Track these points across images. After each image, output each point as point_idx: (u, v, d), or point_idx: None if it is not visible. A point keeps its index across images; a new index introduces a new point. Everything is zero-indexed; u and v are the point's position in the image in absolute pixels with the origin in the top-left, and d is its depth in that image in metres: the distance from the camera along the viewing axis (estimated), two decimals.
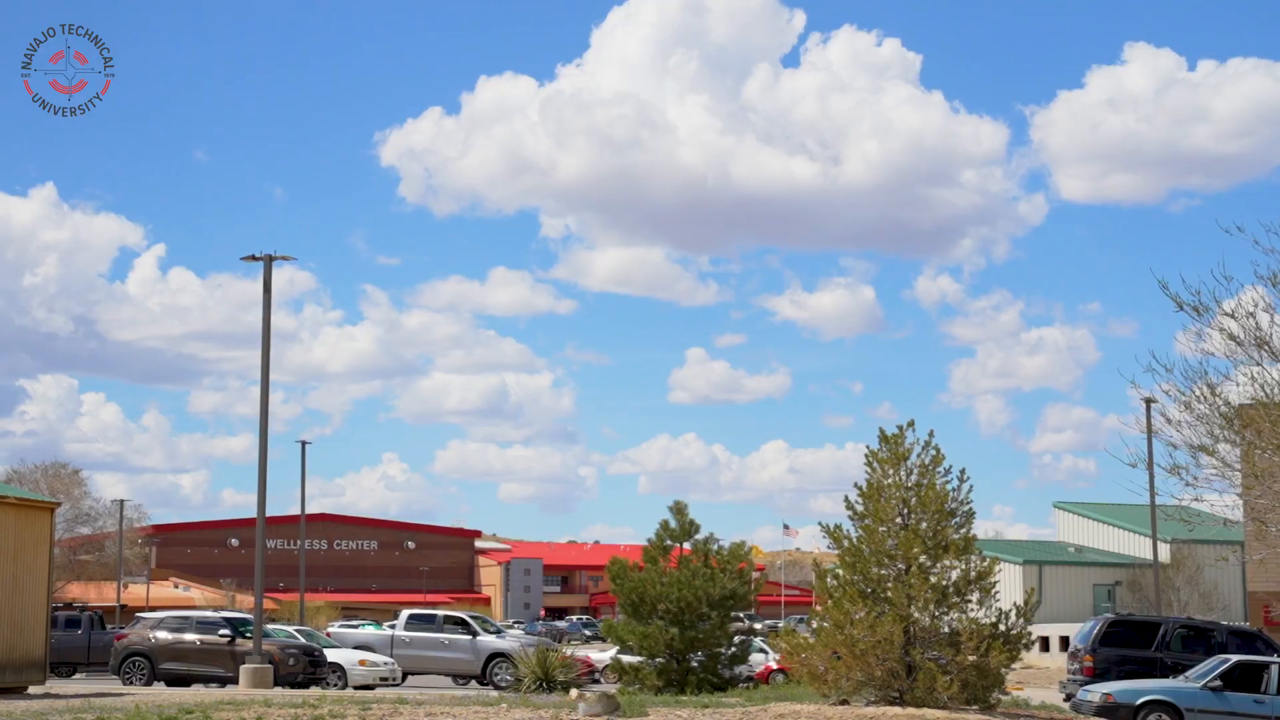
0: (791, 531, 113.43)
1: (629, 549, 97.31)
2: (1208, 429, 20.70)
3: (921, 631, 23.60)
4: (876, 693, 23.46)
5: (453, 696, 26.34)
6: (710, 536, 32.51)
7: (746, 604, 33.08)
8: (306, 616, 77.26)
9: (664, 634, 30.97)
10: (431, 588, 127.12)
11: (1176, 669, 29.84)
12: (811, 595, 28.41)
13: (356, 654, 37.39)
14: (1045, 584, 68.53)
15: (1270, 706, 26.02)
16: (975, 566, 24.03)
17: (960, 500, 24.14)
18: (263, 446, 34.36)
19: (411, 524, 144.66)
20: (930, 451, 24.22)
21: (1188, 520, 22.93)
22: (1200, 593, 68.44)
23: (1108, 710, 25.97)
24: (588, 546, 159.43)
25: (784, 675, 37.44)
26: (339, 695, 26.59)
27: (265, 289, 34.68)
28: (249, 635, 33.56)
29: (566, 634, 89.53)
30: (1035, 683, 43.45)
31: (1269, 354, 19.58)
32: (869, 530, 24.11)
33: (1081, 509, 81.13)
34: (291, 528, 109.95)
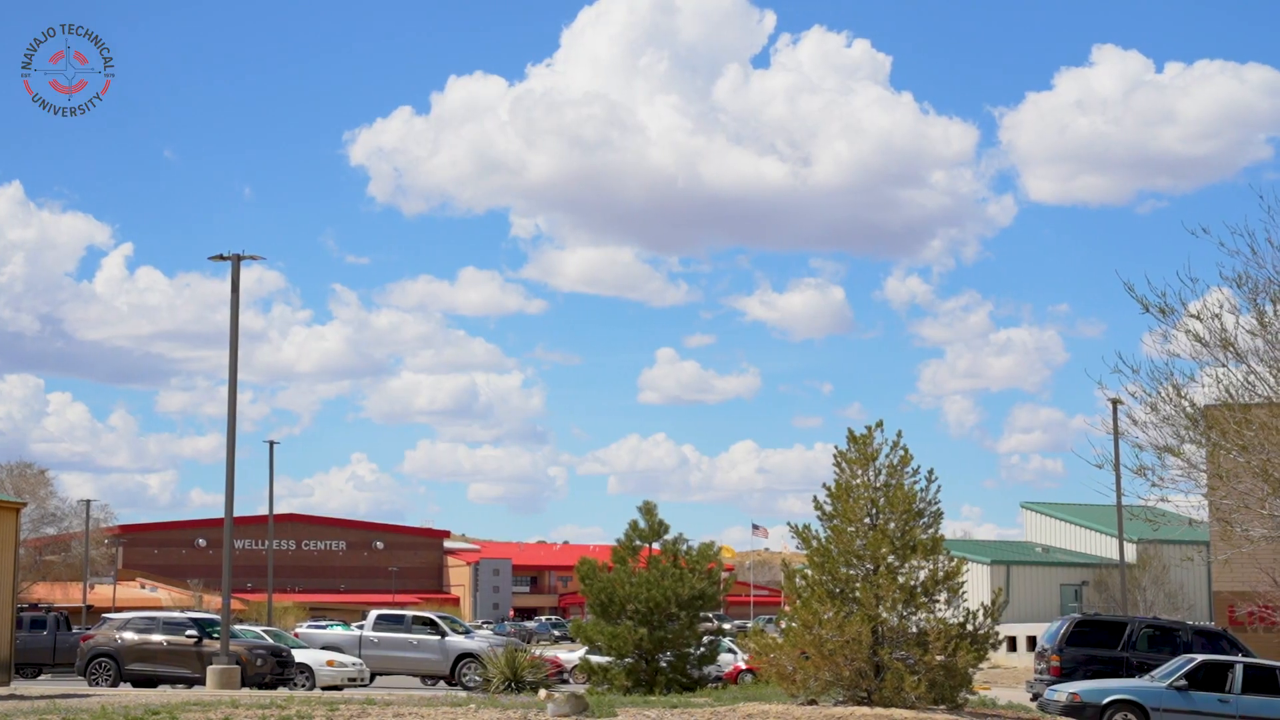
0: (760, 532, 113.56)
1: (598, 549, 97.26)
2: (1173, 430, 20.82)
3: (889, 631, 23.67)
4: (844, 692, 23.52)
5: (421, 697, 26.29)
6: (679, 537, 32.57)
7: (715, 604, 33.11)
8: (274, 617, 76.97)
9: (633, 634, 30.98)
10: (400, 588, 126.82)
11: (1143, 668, 29.99)
12: (780, 595, 28.47)
13: (324, 654, 37.27)
14: (1013, 584, 68.81)
15: (1234, 705, 26.19)
16: (943, 566, 24.11)
17: (928, 500, 24.21)
18: (230, 447, 34.23)
19: (380, 524, 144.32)
20: (898, 452, 24.29)
21: (1153, 520, 23.06)
22: (1166, 593, 68.81)
23: (1074, 710, 26.09)
24: (557, 547, 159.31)
25: (752, 675, 37.50)
26: (306, 696, 26.51)
27: (233, 288, 34.56)
28: (216, 636, 33.42)
29: (535, 634, 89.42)
30: (1002, 682, 43.62)
31: (1233, 355, 19.70)
32: (837, 530, 24.16)
33: (1049, 509, 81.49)
34: (259, 528, 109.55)
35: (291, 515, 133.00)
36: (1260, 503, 19.92)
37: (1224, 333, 19.75)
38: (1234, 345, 19.75)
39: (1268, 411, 19.40)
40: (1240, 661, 27.40)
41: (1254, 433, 19.42)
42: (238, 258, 34.57)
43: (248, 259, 34.93)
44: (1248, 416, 19.59)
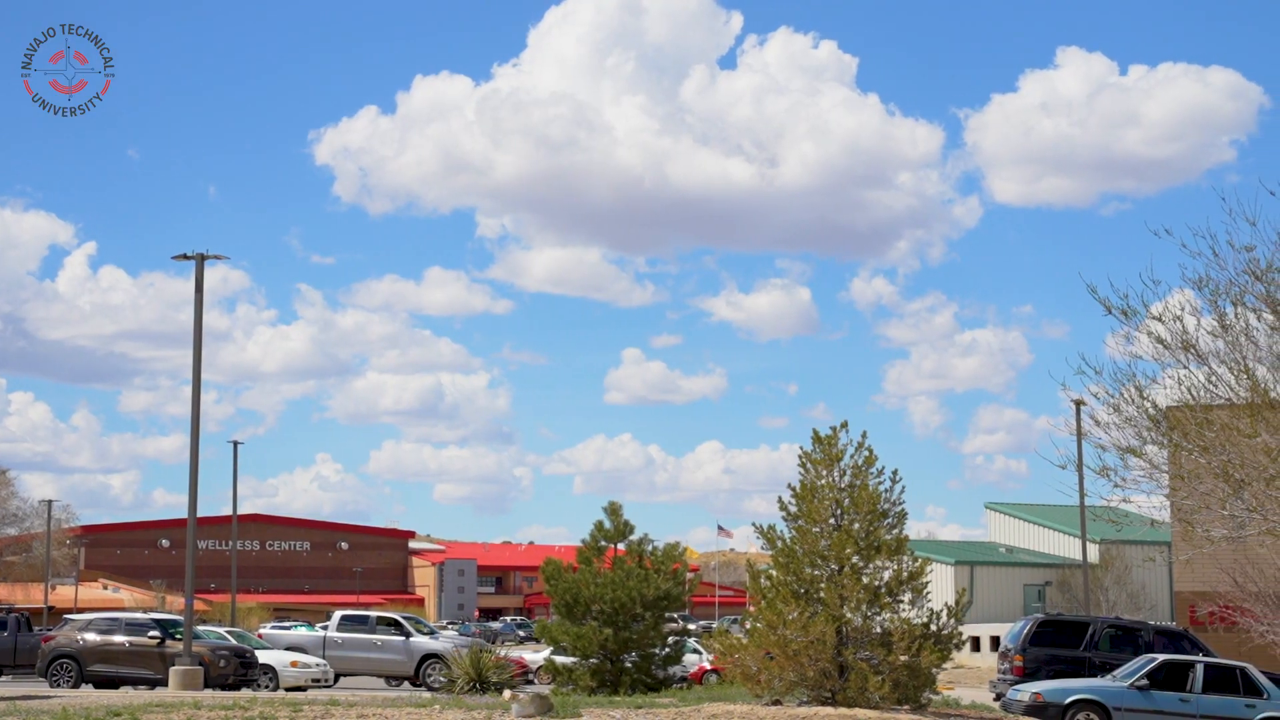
0: (726, 532, 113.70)
1: (564, 550, 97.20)
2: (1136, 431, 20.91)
3: (854, 632, 23.73)
4: (809, 693, 23.56)
5: (385, 698, 26.22)
6: (645, 537, 32.58)
7: (680, 605, 33.14)
8: (238, 618, 76.64)
9: (598, 635, 30.97)
10: (365, 589, 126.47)
11: (1105, 668, 30.16)
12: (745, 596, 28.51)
13: (288, 655, 37.14)
14: (976, 584, 69.10)
15: (1195, 705, 26.37)
16: (907, 567, 24.18)
17: (893, 501, 24.28)
18: (194, 447, 34.09)
19: (345, 525, 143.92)
20: (863, 453, 24.35)
21: (1116, 521, 23.18)
22: (1128, 593, 69.23)
23: (1037, 709, 26.21)
24: (522, 547, 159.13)
25: (717, 675, 37.54)
26: (270, 697, 26.41)
27: (197, 288, 34.42)
28: (179, 637, 33.26)
29: (500, 635, 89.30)
30: (966, 682, 43.81)
31: (1195, 357, 19.82)
32: (802, 531, 24.20)
33: (1012, 510, 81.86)
34: (223, 528, 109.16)
35: (255, 515, 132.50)
36: (1221, 503, 20.04)
37: (1186, 334, 19.86)
38: (1195, 347, 19.87)
39: (1229, 413, 19.53)
40: (1201, 661, 27.59)
41: (1215, 434, 19.54)
42: (201, 257, 34.44)
43: (212, 258, 34.82)
44: (1209, 418, 19.71)
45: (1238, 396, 19.33)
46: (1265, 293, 18.89)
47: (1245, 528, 20.35)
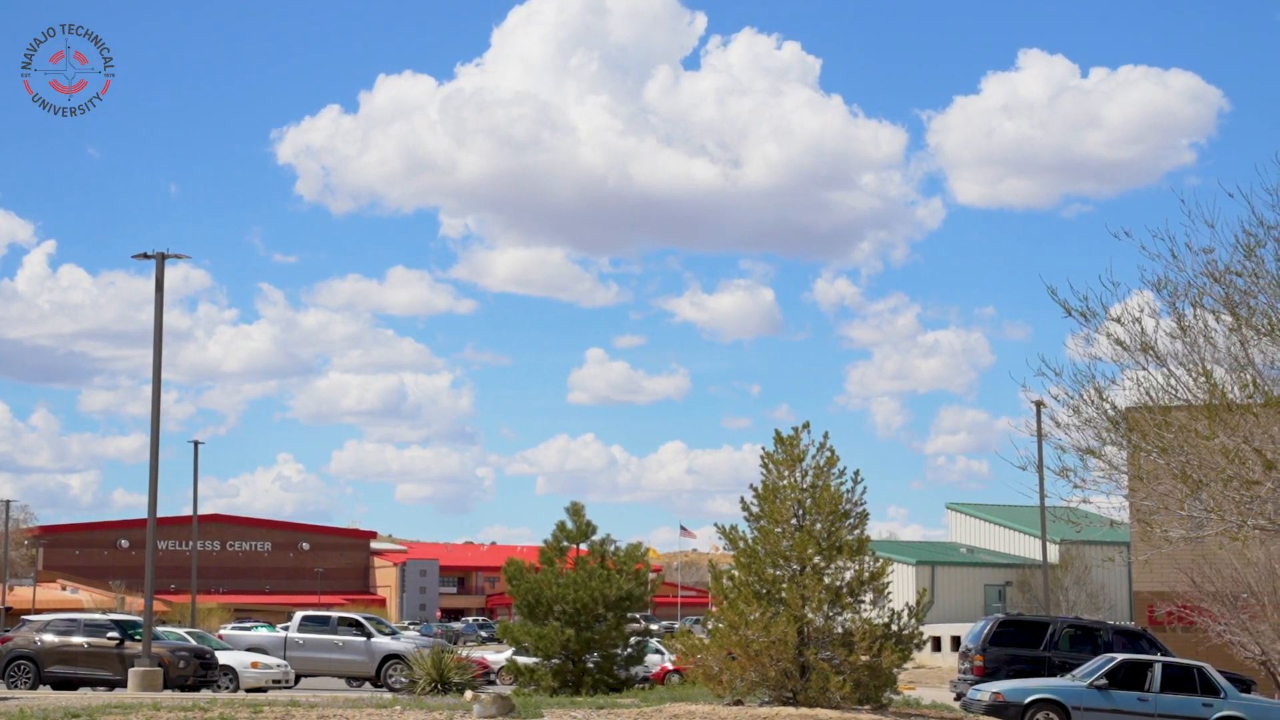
0: (688, 533, 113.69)
1: (526, 550, 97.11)
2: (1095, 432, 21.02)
3: (815, 632, 23.78)
4: (770, 693, 23.61)
5: (346, 699, 26.14)
6: (607, 538, 32.60)
7: (643, 605, 33.16)
8: (198, 619, 76.25)
9: (560, 635, 30.96)
10: (326, 589, 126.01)
11: (1064, 668, 30.34)
12: (707, 596, 28.54)
13: (249, 656, 36.98)
14: (937, 584, 69.39)
15: (1153, 704, 26.55)
16: (869, 567, 24.24)
17: (854, 501, 24.34)
18: (154, 446, 33.91)
19: (306, 525, 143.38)
20: (825, 453, 24.40)
21: (1075, 522, 23.28)
22: (1088, 593, 69.66)
23: (997, 709, 26.34)
24: (484, 548, 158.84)
25: (679, 676, 37.58)
26: (230, 698, 26.29)
27: (158, 287, 34.26)
28: (138, 638, 33.08)
29: (462, 635, 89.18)
30: (927, 682, 44.00)
31: (1154, 359, 19.95)
32: (764, 531, 24.24)
33: (973, 510, 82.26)
34: (183, 528, 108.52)
35: (216, 516, 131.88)
36: (1179, 504, 20.18)
37: (1144, 336, 19.98)
38: (1154, 349, 19.99)
39: (1187, 414, 19.66)
40: (1159, 661, 27.79)
41: (1173, 435, 19.67)
42: (162, 256, 34.29)
43: (172, 257, 34.67)
44: (1167, 419, 19.85)
45: (1196, 398, 19.47)
46: (1223, 295, 19.03)
47: (1203, 528, 20.50)
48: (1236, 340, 19.00)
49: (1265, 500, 18.88)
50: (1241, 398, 18.78)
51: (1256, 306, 18.82)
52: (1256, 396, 18.58)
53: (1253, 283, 18.80)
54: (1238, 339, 18.95)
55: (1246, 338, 18.86)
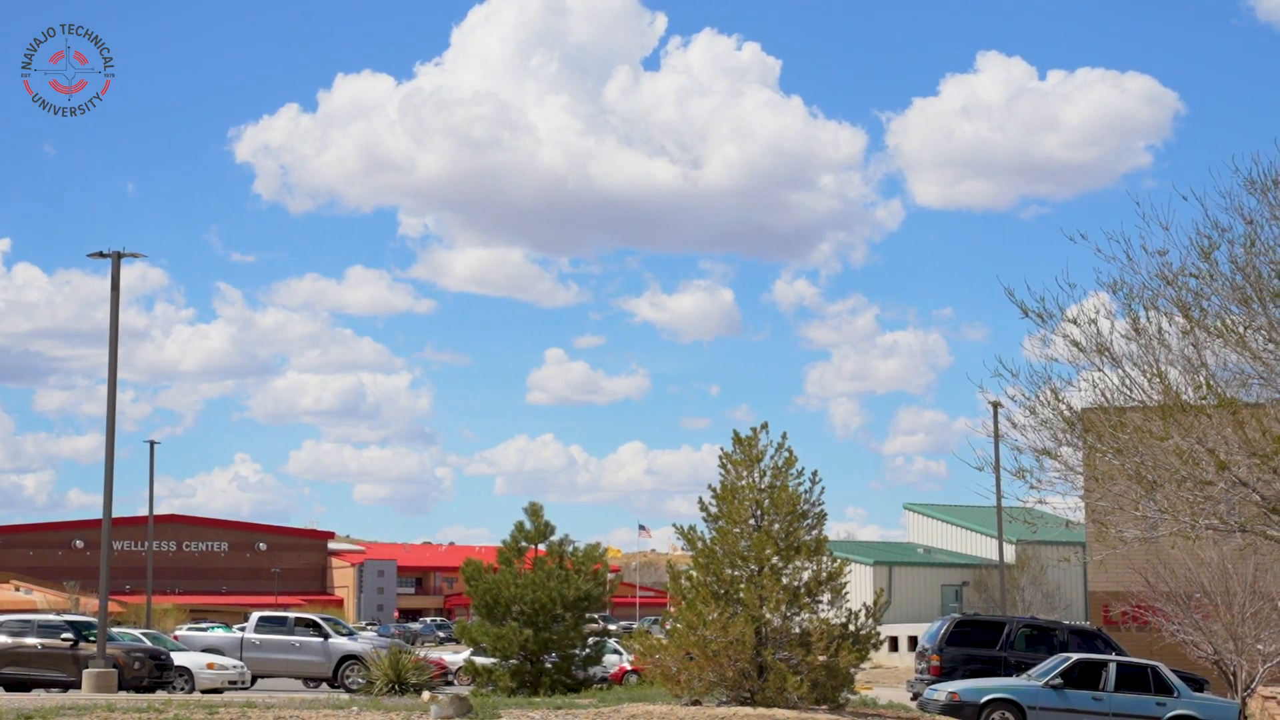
0: (647, 533, 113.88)
1: (485, 550, 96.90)
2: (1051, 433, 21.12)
3: (773, 632, 23.83)
4: (728, 693, 23.64)
5: (302, 699, 26.03)
6: (565, 538, 32.57)
7: (601, 605, 33.15)
8: (154, 619, 75.72)
9: (518, 635, 30.91)
10: (283, 590, 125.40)
11: (1020, 667, 30.48)
12: (666, 597, 28.52)
13: (205, 657, 36.78)
14: (895, 584, 69.66)
15: (1108, 703, 26.73)
16: (826, 567, 24.31)
17: (812, 502, 24.41)
18: (110, 446, 33.69)
19: (263, 525, 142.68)
20: (783, 454, 24.46)
21: (1031, 522, 23.40)
22: (1044, 593, 70.07)
23: (953, 709, 26.45)
24: (443, 548, 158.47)
25: (638, 676, 37.57)
26: (185, 699, 26.13)
27: (113, 286, 34.02)
28: (93, 639, 32.84)
29: (420, 636, 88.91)
30: (884, 682, 44.15)
31: (1109, 360, 20.08)
32: (722, 532, 24.28)
33: (931, 510, 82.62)
34: (139, 529, 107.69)
35: (172, 516, 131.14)
36: (1134, 504, 20.32)
37: (1100, 338, 20.09)
38: (1110, 350, 20.11)
39: (1141, 415, 19.79)
40: (1114, 660, 27.97)
41: (1128, 436, 19.80)
42: (118, 255, 34.05)
43: (129, 256, 34.43)
44: (1122, 420, 19.97)
45: (1150, 399, 19.60)
46: (1177, 297, 19.17)
47: (1157, 528, 20.65)
48: (1190, 342, 19.14)
49: (1218, 501, 19.03)
50: (1195, 399, 18.93)
51: (1209, 309, 18.98)
52: (1209, 398, 18.73)
53: (1206, 285, 18.96)
54: (1191, 341, 19.10)
55: (1200, 340, 19.01)
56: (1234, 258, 18.78)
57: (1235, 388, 19.00)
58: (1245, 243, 18.65)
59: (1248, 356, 18.89)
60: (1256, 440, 18.33)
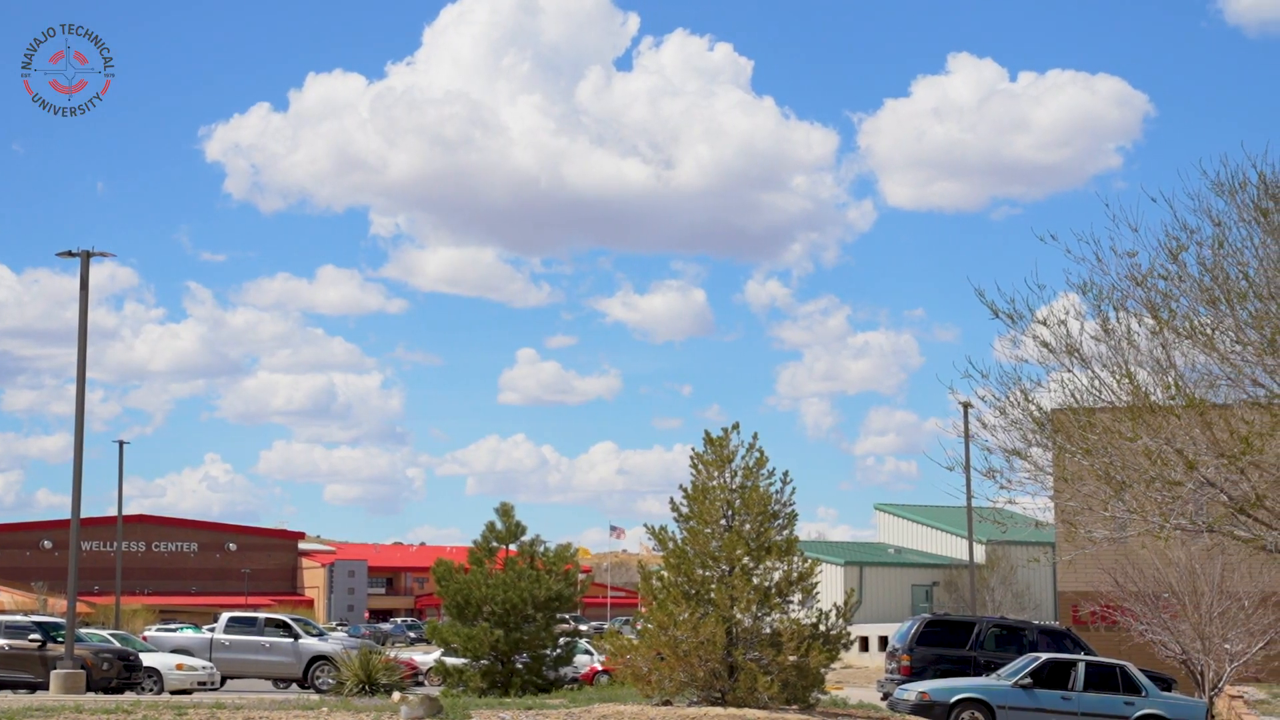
0: (618, 533, 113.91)
1: (456, 551, 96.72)
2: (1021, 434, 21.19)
3: (744, 632, 23.85)
4: (699, 693, 23.66)
5: (272, 700, 25.94)
6: (537, 538, 32.57)
7: (572, 606, 33.15)
8: (122, 620, 75.37)
9: (489, 636, 30.88)
10: (253, 590, 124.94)
11: (990, 667, 30.59)
12: (637, 597, 28.54)
13: (174, 658, 36.62)
14: (866, 584, 69.81)
15: (1076, 703, 26.85)
16: (797, 568, 24.35)
17: (783, 502, 24.44)
18: (78, 446, 33.53)
19: (233, 525, 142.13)
20: (754, 454, 24.49)
21: (1001, 522, 23.49)
22: (1013, 593, 70.32)
23: (923, 708, 26.52)
24: (413, 548, 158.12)
25: (608, 676, 37.57)
26: (154, 700, 26.03)
27: (82, 285, 33.87)
28: (61, 639, 32.68)
29: (391, 636, 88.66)
30: (854, 682, 44.23)
31: (1079, 361, 20.16)
32: (693, 532, 24.29)
33: (901, 511, 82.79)
34: (108, 529, 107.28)
35: (141, 516, 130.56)
36: (1102, 504, 20.40)
37: (1070, 339, 20.17)
38: (1079, 351, 20.19)
39: (1110, 416, 19.88)
40: (1082, 660, 28.09)
41: (1097, 436, 19.89)
42: (87, 254, 33.90)
43: (98, 255, 34.30)
44: (1091, 421, 20.05)
45: (1119, 400, 19.69)
46: (1146, 298, 19.27)
47: (1126, 529, 20.74)
48: (1159, 343, 19.25)
49: (1186, 501, 19.14)
50: (1164, 400, 19.03)
51: (1178, 310, 19.08)
52: (1178, 399, 18.83)
53: (1175, 286, 19.06)
54: (1160, 342, 19.21)
55: (1168, 341, 19.11)
56: (1202, 259, 18.90)
57: (1203, 389, 19.12)
58: (1213, 244, 18.77)
59: (1216, 358, 19.00)
60: (1224, 441, 18.44)
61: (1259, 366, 18.73)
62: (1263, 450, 18.09)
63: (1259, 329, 18.39)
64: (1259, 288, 18.51)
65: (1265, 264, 18.54)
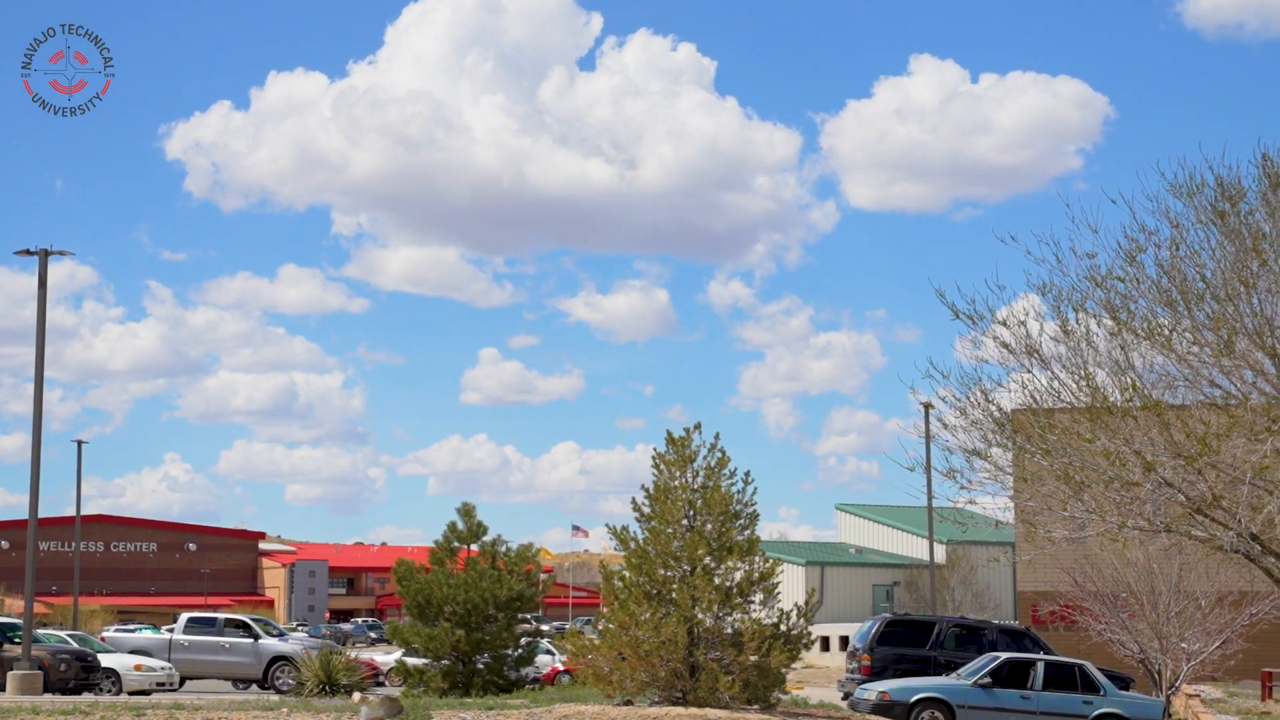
0: (580, 533, 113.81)
1: (417, 551, 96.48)
2: (981, 434, 21.29)
3: (705, 632, 23.89)
4: (660, 693, 23.68)
5: (231, 701, 25.83)
6: (498, 538, 32.54)
7: (533, 606, 33.12)
8: (81, 621, 74.86)
9: (450, 636, 30.82)
10: (213, 590, 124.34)
11: (950, 667, 30.71)
12: (599, 597, 28.57)
13: (132, 659, 36.38)
14: (827, 584, 70.00)
15: (1035, 702, 26.99)
16: (758, 568, 24.39)
17: (745, 502, 24.48)
18: (36, 446, 33.30)
19: (192, 525, 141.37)
20: (716, 454, 24.52)
21: (962, 522, 23.58)
22: (973, 592, 70.65)
23: (884, 708, 26.60)
24: (375, 548, 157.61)
25: (570, 676, 37.56)
26: (112, 701, 25.87)
27: (40, 284, 33.66)
28: (18, 640, 32.43)
29: (351, 637, 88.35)
30: (815, 682, 44.33)
31: (1038, 362, 20.27)
32: (655, 532, 24.31)
33: (862, 511, 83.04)
34: (66, 529, 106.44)
35: (100, 516, 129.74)
36: (1062, 504, 20.52)
37: (1030, 340, 20.29)
38: (1039, 352, 20.31)
39: (1069, 417, 20.00)
40: (1042, 659, 28.24)
41: (1057, 437, 20.00)
42: (45, 253, 33.72)
43: (56, 254, 34.11)
44: (1051, 421, 20.17)
45: (1078, 401, 19.81)
46: (1105, 299, 19.40)
47: (1085, 529, 20.87)
48: (1117, 344, 19.38)
49: (1144, 501, 19.27)
50: (1122, 401, 19.16)
51: (1136, 311, 19.22)
52: (1136, 400, 18.96)
53: (1133, 287, 19.20)
54: (1119, 343, 19.34)
55: (1127, 342, 19.25)
56: (1160, 261, 19.05)
57: (1161, 390, 19.26)
58: (1171, 246, 18.91)
59: (1173, 359, 19.14)
60: (1181, 442, 18.57)
61: (1216, 368, 18.89)
62: (1219, 451, 18.23)
63: (1216, 330, 18.53)
64: (1216, 289, 18.65)
65: (1222, 266, 18.69)
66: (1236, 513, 18.65)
